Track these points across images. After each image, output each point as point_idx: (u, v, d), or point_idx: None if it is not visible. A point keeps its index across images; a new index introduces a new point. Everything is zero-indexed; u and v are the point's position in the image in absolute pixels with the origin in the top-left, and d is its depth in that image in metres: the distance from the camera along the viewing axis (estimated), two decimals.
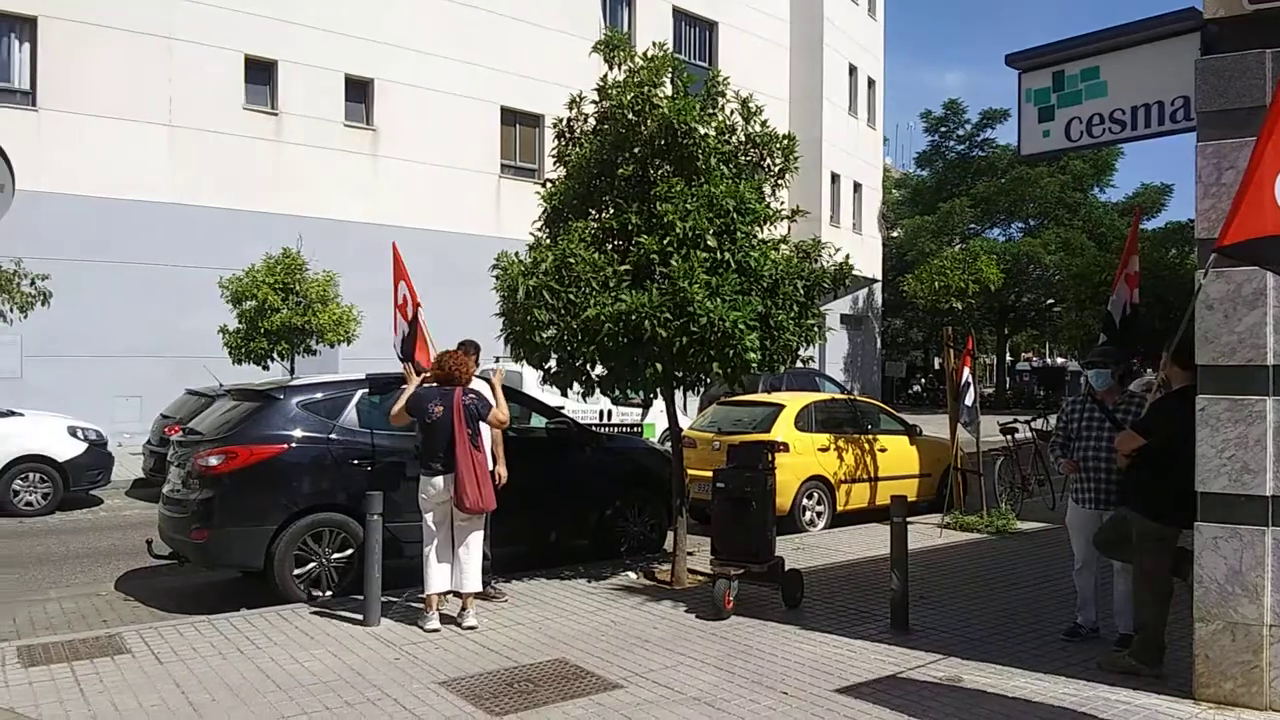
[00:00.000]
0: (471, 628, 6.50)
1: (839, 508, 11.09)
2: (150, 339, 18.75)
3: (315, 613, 6.88)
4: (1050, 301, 40.39)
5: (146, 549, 8.04)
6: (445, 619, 6.63)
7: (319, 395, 7.93)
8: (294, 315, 15.22)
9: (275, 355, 15.62)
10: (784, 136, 8.29)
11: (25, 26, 18.48)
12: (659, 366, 7.15)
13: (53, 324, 16.09)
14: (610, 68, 7.96)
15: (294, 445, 7.56)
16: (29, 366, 17.60)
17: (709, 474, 7.82)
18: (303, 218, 19.49)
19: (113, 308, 18.39)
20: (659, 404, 8.80)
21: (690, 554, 8.27)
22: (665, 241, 7.14)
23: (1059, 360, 59.63)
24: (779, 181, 8.34)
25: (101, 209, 18.30)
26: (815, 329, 7.86)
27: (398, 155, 22.59)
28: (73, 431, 12.52)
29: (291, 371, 15.44)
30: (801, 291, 7.67)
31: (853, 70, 34.70)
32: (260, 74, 20.90)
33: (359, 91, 22.32)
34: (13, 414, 12.37)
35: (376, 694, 5.25)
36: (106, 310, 18.26)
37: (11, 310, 14.96)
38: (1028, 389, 45.08)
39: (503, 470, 7.15)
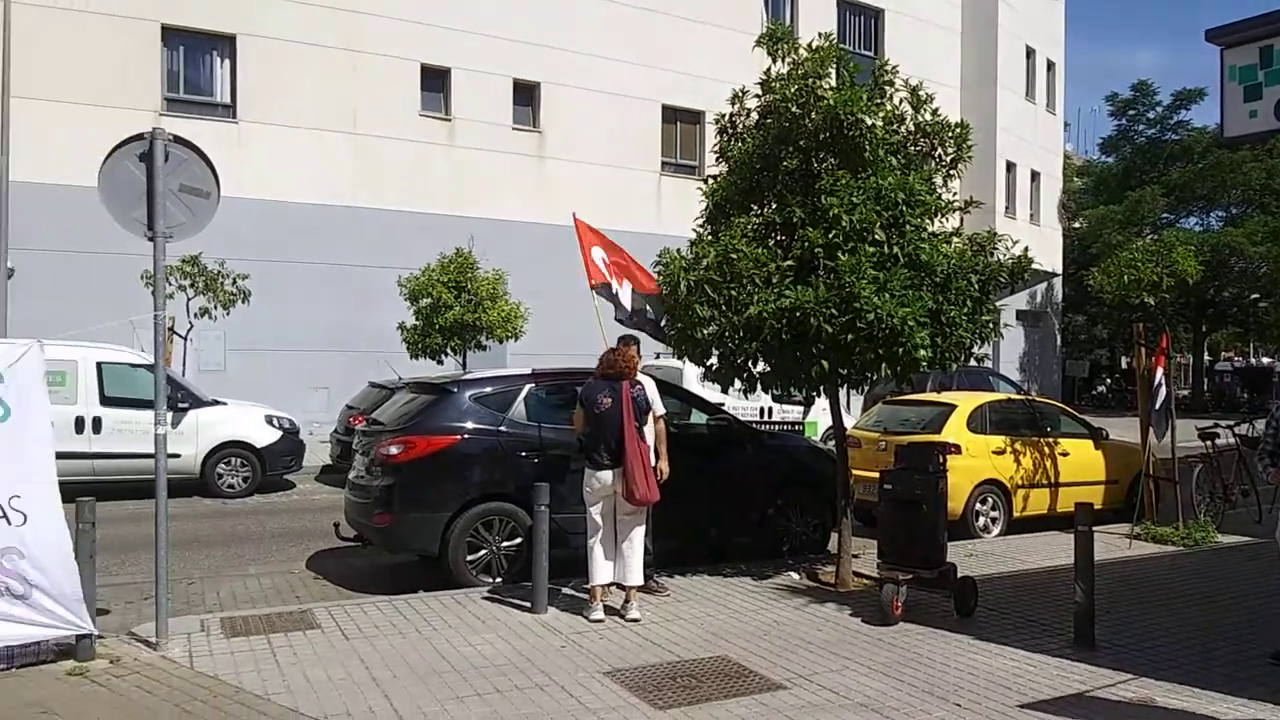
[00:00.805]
0: (635, 620, 6.58)
1: (1015, 514, 10.54)
2: (336, 334, 19.99)
3: (486, 598, 7.14)
4: (1255, 296, 37.04)
5: (334, 531, 8.57)
6: (609, 610, 6.73)
7: (489, 389, 8.23)
8: (465, 312, 15.85)
9: (449, 350, 16.33)
10: (956, 125, 7.95)
11: (226, 45, 20.06)
12: (824, 364, 7.00)
13: (252, 320, 17.38)
14: (773, 61, 7.85)
15: (466, 437, 7.87)
16: (231, 359, 19.08)
17: (875, 475, 7.61)
18: (473, 218, 20.27)
19: (304, 305, 19.70)
20: (821, 402, 8.62)
21: (855, 556, 8.07)
22: (831, 235, 6.98)
23: (1265, 360, 54.65)
24: (951, 172, 8.01)
25: (293, 213, 19.64)
26: (990, 326, 7.50)
27: (562, 156, 23.15)
28: (269, 420, 13.51)
29: (464, 366, 16.09)
30: (975, 286, 7.33)
31: (1030, 53, 32.95)
32: (435, 82, 21.88)
33: (526, 95, 23.01)
34: (218, 403, 13.46)
35: (545, 680, 5.39)
36: (298, 307, 19.58)
37: (217, 307, 16.30)
38: (1229, 391, 41.49)
39: (665, 466, 7.18)
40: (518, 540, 7.72)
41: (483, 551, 7.72)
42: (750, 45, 8.24)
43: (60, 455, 5.93)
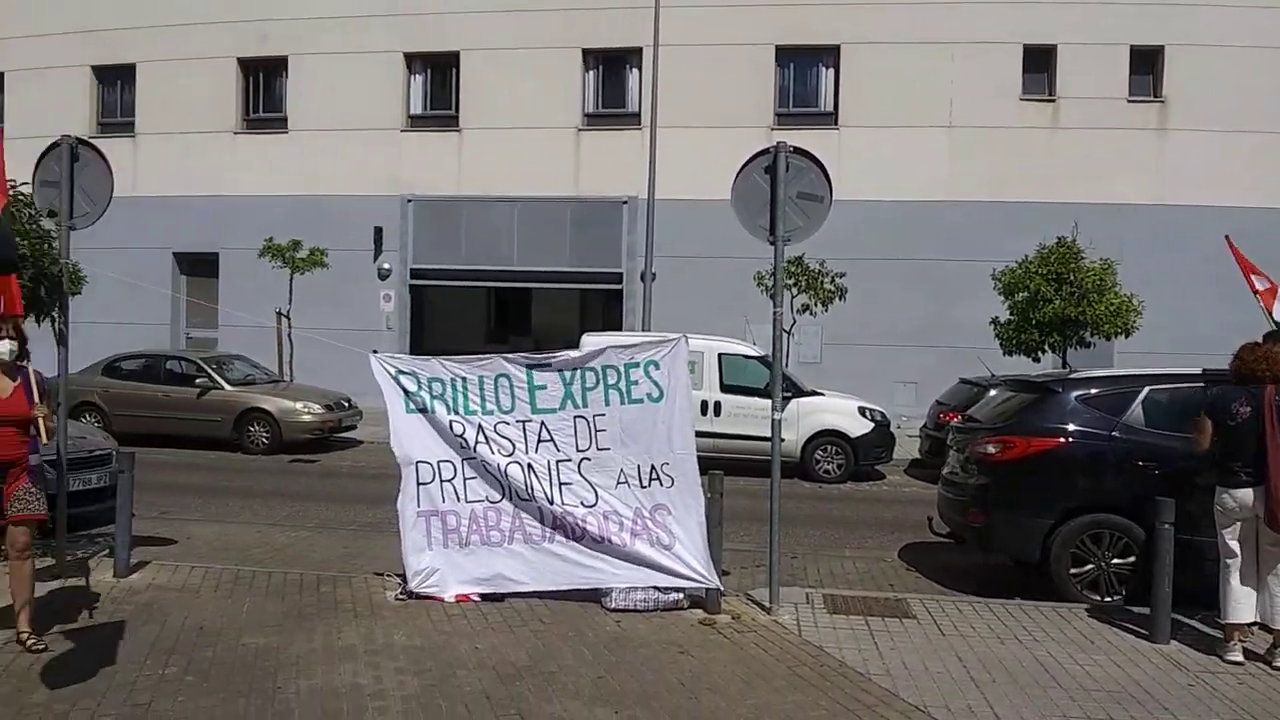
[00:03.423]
0: None
1: None
2: (925, 330, 20.06)
3: (1093, 616, 6.59)
4: None
5: (927, 525, 8.62)
6: (1250, 655, 5.74)
7: (1098, 390, 7.61)
8: (1067, 306, 14.76)
9: (1047, 347, 15.38)
10: None
11: (831, 55, 21.28)
12: None
13: (846, 315, 18.24)
14: None
15: (1071, 440, 7.35)
16: (827, 353, 20.28)
17: None
18: (1077, 204, 18.69)
19: (895, 300, 20.09)
20: None
21: None
22: None
23: None
24: None
25: (888, 211, 20.09)
26: None
27: (1187, 126, 20.23)
28: (862, 412, 14.08)
29: (1064, 364, 15.04)
30: None
31: None
32: (1038, 61, 20.65)
33: (1145, 62, 20.55)
34: (816, 394, 14.41)
35: (1169, 717, 4.79)
36: (890, 303, 20.03)
37: (816, 304, 17.44)
38: None
39: None
40: (1131, 559, 6.98)
41: (1089, 566, 7.11)
42: None
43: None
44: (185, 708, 4.66)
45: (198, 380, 15.43)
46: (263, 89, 23.26)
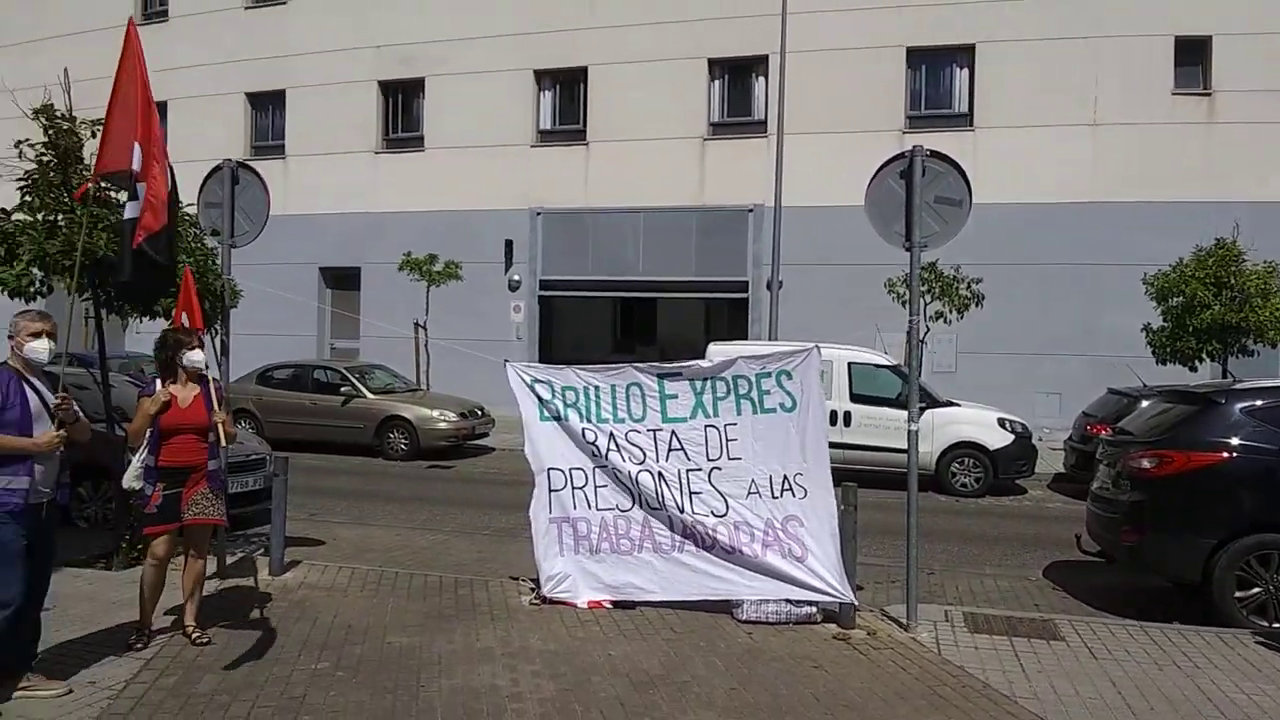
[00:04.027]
0: None
1: None
2: (1069, 337, 19.15)
3: (1261, 643, 6.14)
4: None
5: (1075, 543, 8.21)
6: None
7: (1266, 401, 7.13)
8: (1227, 312, 13.84)
9: (1204, 355, 14.45)
10: None
11: (965, 55, 20.62)
12: None
13: (983, 323, 17.59)
14: None
15: (1235, 455, 6.92)
16: (961, 362, 19.60)
17: None
18: (1236, 203, 17.55)
19: (1035, 307, 19.27)
20: None
21: None
22: None
23: None
24: None
25: (1026, 214, 19.29)
26: None
27: None
28: (1001, 423, 13.53)
29: (1224, 373, 14.10)
30: None
31: None
32: (1192, 54, 19.48)
33: None
34: (951, 404, 13.93)
35: None
36: (1029, 310, 19.22)
37: (951, 311, 16.89)
38: None
39: None
40: None
41: (1256, 589, 6.65)
42: None
43: None
44: (337, 701, 4.88)
45: (342, 389, 16.16)
46: (401, 110, 24.25)
